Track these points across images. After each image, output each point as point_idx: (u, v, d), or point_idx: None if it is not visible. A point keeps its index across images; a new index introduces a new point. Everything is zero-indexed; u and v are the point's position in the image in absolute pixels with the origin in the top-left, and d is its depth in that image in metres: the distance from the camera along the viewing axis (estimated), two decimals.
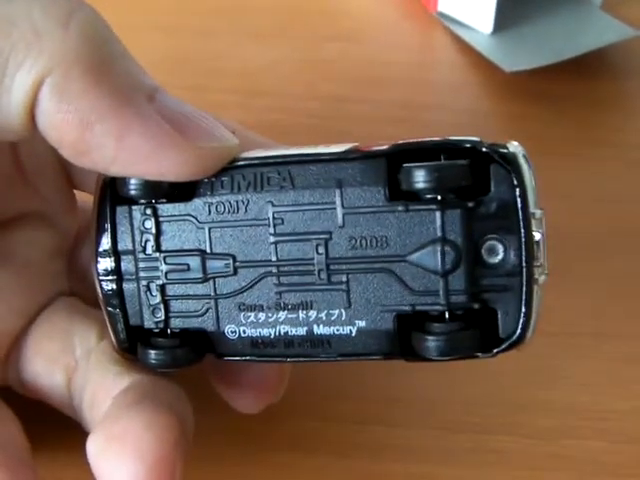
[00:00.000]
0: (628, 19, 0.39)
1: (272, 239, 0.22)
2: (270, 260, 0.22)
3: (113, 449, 0.21)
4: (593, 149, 0.36)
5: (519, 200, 0.21)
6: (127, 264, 0.23)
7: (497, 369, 0.28)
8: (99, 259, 0.23)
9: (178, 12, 0.40)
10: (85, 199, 0.27)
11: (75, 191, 0.28)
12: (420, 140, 0.21)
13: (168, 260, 0.23)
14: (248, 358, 0.23)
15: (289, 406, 0.27)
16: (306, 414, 0.28)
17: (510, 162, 0.21)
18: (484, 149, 0.21)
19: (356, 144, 0.22)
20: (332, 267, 0.22)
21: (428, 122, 0.37)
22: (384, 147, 0.21)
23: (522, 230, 0.21)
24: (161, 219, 0.22)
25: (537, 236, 0.21)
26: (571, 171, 0.35)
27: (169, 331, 0.23)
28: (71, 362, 0.24)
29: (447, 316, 0.21)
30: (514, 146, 0.21)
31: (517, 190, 0.21)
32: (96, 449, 0.21)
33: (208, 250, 0.22)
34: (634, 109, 0.39)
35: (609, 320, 0.31)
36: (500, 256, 0.21)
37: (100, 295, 0.23)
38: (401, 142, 0.21)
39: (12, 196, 0.26)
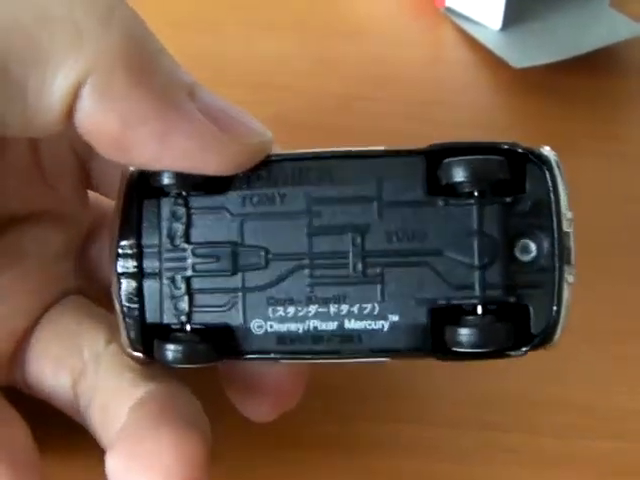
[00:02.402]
0: (637, 16, 0.39)
1: (307, 232, 0.22)
2: (304, 253, 0.22)
3: (137, 469, 0.20)
4: (603, 145, 0.36)
5: (553, 200, 0.21)
6: (150, 259, 0.22)
7: (509, 366, 0.28)
8: (120, 253, 0.22)
9: (188, 7, 0.40)
10: (96, 198, 0.27)
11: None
12: (457, 141, 0.22)
13: (197, 251, 0.22)
14: (272, 355, 0.22)
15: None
16: (313, 412, 0.28)
17: (545, 163, 0.22)
18: (521, 150, 0.22)
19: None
20: (368, 260, 0.22)
21: (437, 119, 0.37)
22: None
23: (555, 228, 0.21)
24: (192, 210, 0.22)
25: (568, 235, 0.21)
26: (580, 167, 0.35)
27: (189, 327, 0.22)
28: (78, 364, 0.24)
29: (481, 309, 0.21)
30: (547, 150, 0.22)
31: (551, 190, 0.21)
32: (118, 467, 0.21)
33: (240, 242, 0.22)
34: None
35: (628, 319, 0.31)
36: (533, 254, 0.21)
37: (116, 292, 0.22)
38: (437, 143, 0.22)
39: (29, 193, 0.26)
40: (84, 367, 0.24)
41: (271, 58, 0.38)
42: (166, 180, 0.22)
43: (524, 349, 0.21)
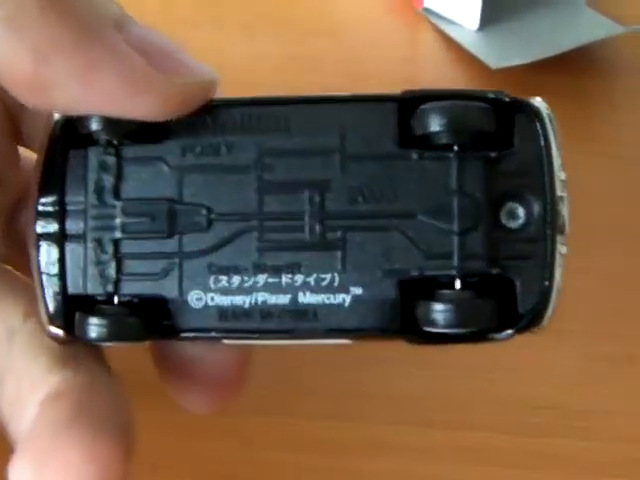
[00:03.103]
0: (614, 15, 0.39)
1: (257, 188, 0.19)
2: (253, 213, 0.19)
3: None
4: (580, 144, 0.36)
5: (545, 158, 0.19)
6: (74, 219, 0.19)
7: (481, 364, 0.28)
8: (40, 210, 0.19)
9: (163, 4, 0.40)
10: (30, 157, 0.24)
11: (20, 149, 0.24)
12: (435, 88, 0.19)
13: (128, 209, 0.19)
14: (213, 334, 0.19)
15: (265, 403, 0.27)
16: (287, 412, 0.28)
17: (536, 115, 0.19)
18: (507, 99, 0.19)
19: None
20: (327, 222, 0.19)
21: None
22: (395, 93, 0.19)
23: (547, 191, 0.19)
24: (124, 161, 0.19)
25: (562, 200, 0.19)
26: None
27: (117, 299, 0.19)
28: None
29: (459, 282, 0.18)
30: (538, 101, 0.19)
31: (543, 145, 0.19)
32: (21, 476, 0.18)
33: (178, 199, 0.19)
34: (621, 104, 0.38)
35: (599, 319, 0.31)
36: (520, 220, 0.19)
37: (34, 258, 0.19)
38: (411, 89, 0.19)
39: None
40: None
41: (247, 55, 0.38)
42: (94, 125, 0.19)
43: (509, 332, 0.19)
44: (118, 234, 0.19)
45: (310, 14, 0.41)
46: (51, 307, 0.19)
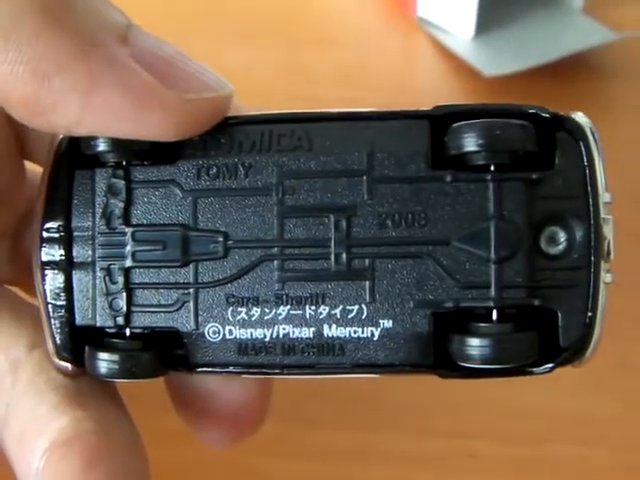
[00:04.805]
0: (608, 22, 0.39)
1: (278, 212, 0.17)
2: (273, 240, 0.17)
3: None
4: None
5: (588, 178, 0.17)
6: (81, 246, 0.18)
7: None
8: (45, 237, 0.18)
9: (157, 14, 0.40)
10: (37, 171, 0.22)
11: (26, 162, 0.22)
12: (469, 103, 0.18)
13: (138, 236, 0.18)
14: (231, 369, 0.18)
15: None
16: (284, 418, 0.27)
17: (579, 132, 0.17)
18: (548, 115, 0.17)
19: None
20: (354, 250, 0.17)
21: None
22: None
23: (591, 215, 0.17)
24: (134, 184, 0.18)
25: (607, 223, 0.17)
26: None
27: (129, 331, 0.18)
28: None
29: (497, 314, 0.17)
30: (580, 116, 0.18)
31: (587, 166, 0.17)
32: None
33: (192, 225, 0.18)
34: (616, 110, 0.38)
35: None
36: (562, 246, 0.17)
37: (39, 286, 0.18)
38: (443, 104, 0.18)
39: None
40: None
41: (244, 64, 0.38)
42: (100, 147, 0.17)
43: (549, 366, 0.17)
44: (128, 263, 0.18)
45: (307, 24, 0.41)
46: (58, 339, 0.18)
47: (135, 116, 0.17)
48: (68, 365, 0.18)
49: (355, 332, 0.17)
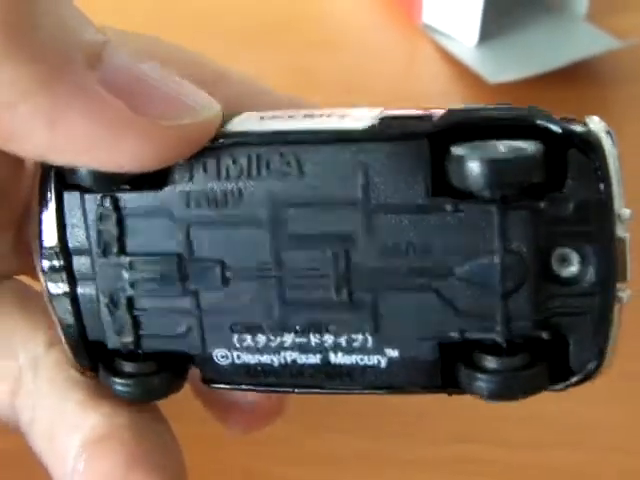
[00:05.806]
0: (612, 29, 0.39)
1: (272, 242, 0.17)
2: (271, 269, 0.17)
3: None
4: None
5: (604, 199, 0.16)
6: (82, 265, 0.17)
7: None
8: (44, 255, 0.18)
9: (161, 18, 0.40)
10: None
11: None
12: (472, 110, 0.16)
13: (135, 265, 0.17)
14: (244, 387, 0.18)
15: None
16: (294, 424, 0.27)
17: (592, 146, 0.16)
18: (560, 129, 0.16)
19: (384, 110, 0.17)
20: (355, 281, 0.16)
21: None
22: (426, 119, 0.16)
23: (606, 237, 0.16)
24: (125, 213, 0.17)
25: (623, 242, 0.16)
26: None
27: (141, 352, 0.18)
28: (13, 370, 0.19)
29: (505, 347, 0.16)
30: (595, 123, 0.16)
31: (602, 184, 0.16)
32: None
33: (187, 255, 0.17)
34: (619, 116, 0.39)
35: None
36: (575, 268, 0.16)
37: (48, 299, 0.18)
38: (447, 112, 0.16)
39: None
40: (20, 374, 0.19)
41: (246, 67, 0.38)
42: (82, 179, 0.17)
43: (558, 387, 0.17)
44: (129, 292, 0.17)
45: (310, 28, 0.41)
46: (74, 351, 0.18)
47: (107, 145, 0.16)
48: (86, 371, 0.18)
49: (362, 360, 0.17)
